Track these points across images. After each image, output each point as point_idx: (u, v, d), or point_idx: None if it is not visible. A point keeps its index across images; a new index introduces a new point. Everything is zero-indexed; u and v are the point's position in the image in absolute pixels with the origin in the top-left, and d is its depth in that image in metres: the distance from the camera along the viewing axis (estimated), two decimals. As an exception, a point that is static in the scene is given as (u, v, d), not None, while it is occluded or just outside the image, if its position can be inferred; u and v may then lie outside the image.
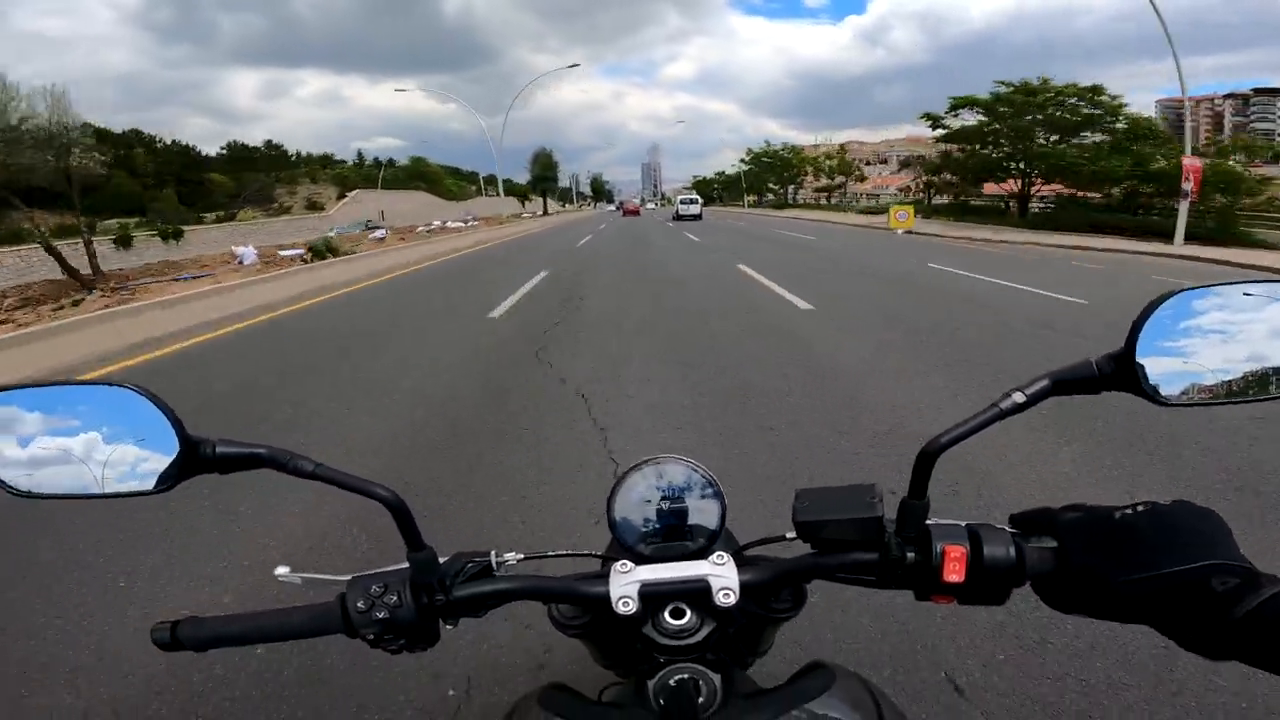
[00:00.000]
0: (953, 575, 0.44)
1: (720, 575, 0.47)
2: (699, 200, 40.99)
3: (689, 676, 0.47)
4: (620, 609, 0.47)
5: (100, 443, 0.45)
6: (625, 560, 0.49)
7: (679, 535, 0.52)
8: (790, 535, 0.50)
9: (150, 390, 0.44)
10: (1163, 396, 0.44)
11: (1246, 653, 0.36)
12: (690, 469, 0.52)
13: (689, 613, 0.49)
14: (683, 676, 0.47)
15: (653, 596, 0.48)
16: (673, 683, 0.47)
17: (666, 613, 0.49)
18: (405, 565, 0.49)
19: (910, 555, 0.46)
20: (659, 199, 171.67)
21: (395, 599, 0.48)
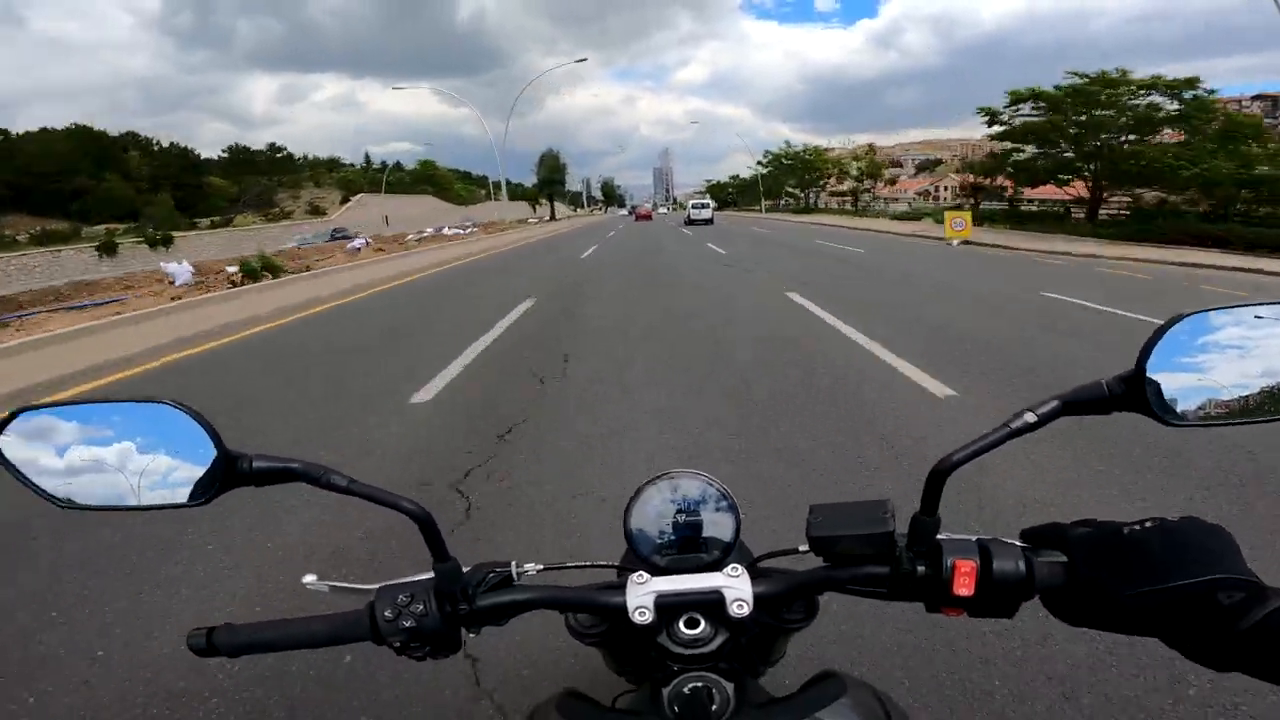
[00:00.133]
0: (962, 589, 0.45)
1: (734, 587, 0.48)
2: (710, 205, 44.02)
3: (702, 685, 0.48)
4: (637, 619, 0.48)
5: (135, 454, 0.46)
6: (642, 571, 0.50)
7: (694, 547, 0.53)
8: (803, 548, 0.51)
9: (188, 405, 0.46)
10: (1171, 417, 0.44)
11: (1251, 664, 0.36)
12: (706, 483, 0.53)
13: (703, 623, 0.49)
14: (696, 685, 0.48)
15: (668, 607, 0.48)
16: (686, 691, 0.48)
17: (681, 622, 0.49)
18: (430, 575, 0.50)
19: (921, 569, 0.47)
20: (671, 203, 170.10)
21: (421, 608, 0.48)
